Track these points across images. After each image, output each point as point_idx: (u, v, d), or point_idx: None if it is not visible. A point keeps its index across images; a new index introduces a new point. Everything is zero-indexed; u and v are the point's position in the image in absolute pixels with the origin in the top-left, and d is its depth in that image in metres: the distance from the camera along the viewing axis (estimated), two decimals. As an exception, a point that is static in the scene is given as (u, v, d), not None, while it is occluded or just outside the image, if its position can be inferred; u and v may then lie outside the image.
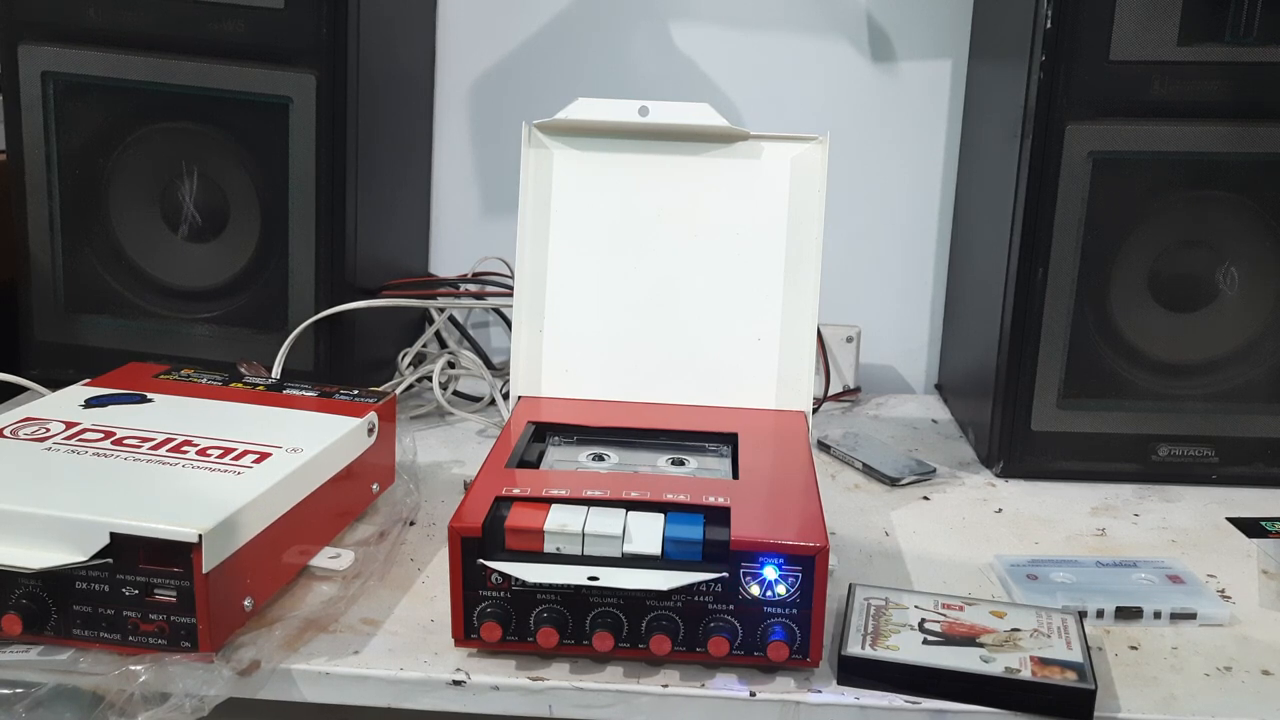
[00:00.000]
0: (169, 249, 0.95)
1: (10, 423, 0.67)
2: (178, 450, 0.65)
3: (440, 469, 0.86)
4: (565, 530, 0.58)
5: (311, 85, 0.89)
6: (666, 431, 0.74)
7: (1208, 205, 0.85)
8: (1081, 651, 0.59)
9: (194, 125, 0.92)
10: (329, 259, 0.93)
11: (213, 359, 0.93)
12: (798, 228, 0.80)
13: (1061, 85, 0.83)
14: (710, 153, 0.81)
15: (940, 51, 1.12)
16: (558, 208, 0.82)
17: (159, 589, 0.56)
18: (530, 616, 0.59)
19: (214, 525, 0.56)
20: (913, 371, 1.18)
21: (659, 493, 0.62)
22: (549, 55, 1.15)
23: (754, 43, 1.14)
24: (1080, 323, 0.87)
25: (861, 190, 1.14)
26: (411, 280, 1.08)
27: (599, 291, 0.81)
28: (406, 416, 0.96)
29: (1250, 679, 0.61)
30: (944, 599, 0.64)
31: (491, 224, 1.18)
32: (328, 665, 0.59)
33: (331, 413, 0.72)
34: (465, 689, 0.59)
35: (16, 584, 0.57)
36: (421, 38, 1.13)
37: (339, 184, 0.92)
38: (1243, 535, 0.79)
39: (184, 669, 0.55)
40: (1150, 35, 0.82)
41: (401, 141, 1.09)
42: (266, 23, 0.89)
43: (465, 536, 0.58)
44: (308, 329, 0.92)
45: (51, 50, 0.91)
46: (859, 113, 1.14)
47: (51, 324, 0.96)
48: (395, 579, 0.68)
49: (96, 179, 0.94)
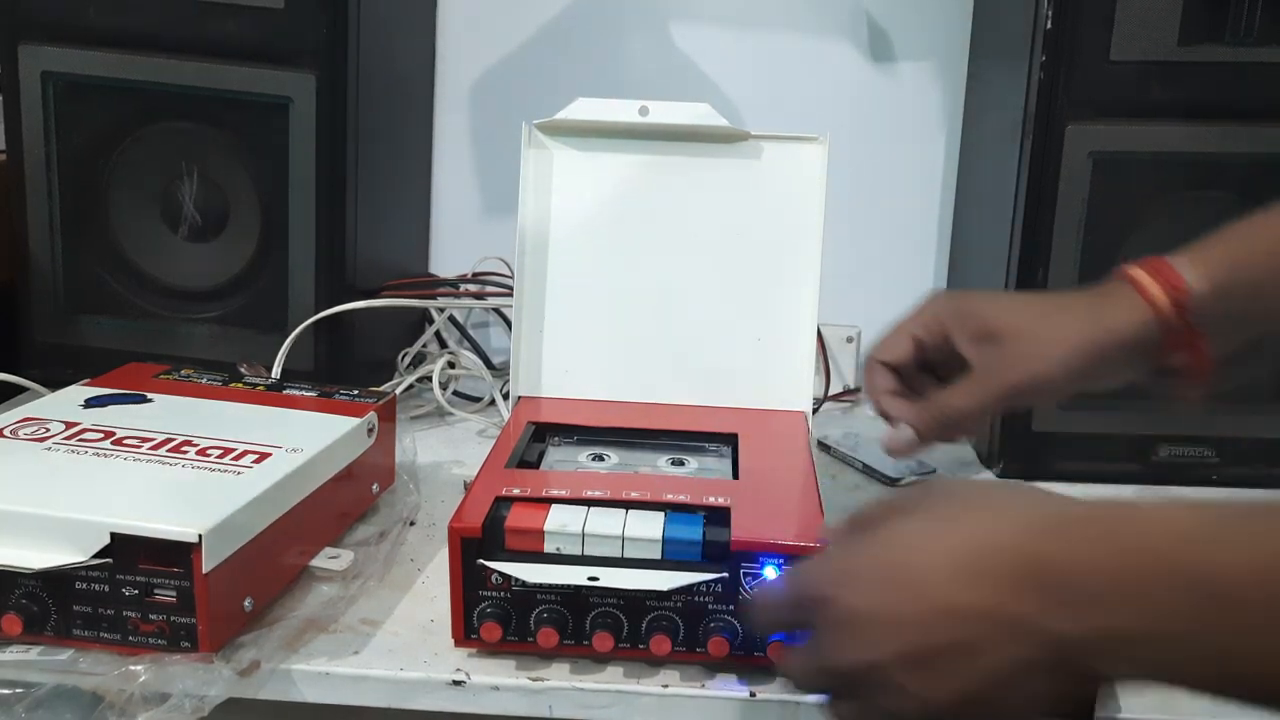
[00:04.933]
0: (169, 249, 0.95)
1: (10, 423, 0.67)
2: (178, 450, 0.64)
3: (440, 469, 0.86)
4: (565, 530, 0.58)
5: (311, 85, 0.89)
6: (666, 431, 0.74)
7: (1207, 205, 0.85)
8: (1082, 652, 0.59)
9: (194, 125, 0.92)
10: (329, 259, 0.93)
11: (213, 359, 0.93)
12: (798, 228, 0.80)
13: (1061, 85, 0.83)
14: (710, 153, 0.81)
15: (940, 51, 1.12)
16: (558, 208, 0.82)
17: (159, 589, 0.56)
18: (530, 616, 0.59)
19: (214, 525, 0.56)
20: (913, 371, 1.18)
21: (659, 493, 0.62)
22: (549, 55, 1.15)
23: (754, 43, 1.13)
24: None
25: (861, 190, 1.14)
26: (411, 280, 1.08)
27: (599, 291, 0.81)
28: (406, 416, 0.96)
29: (1250, 679, 0.61)
30: (944, 599, 0.64)
31: (491, 224, 1.18)
32: (328, 665, 0.59)
33: (331, 413, 0.72)
34: (465, 689, 0.59)
35: (16, 584, 0.57)
36: (421, 38, 1.13)
37: (339, 184, 0.92)
38: (1243, 535, 0.79)
39: (184, 669, 0.55)
40: (1150, 35, 0.82)
41: (401, 141, 1.09)
42: (266, 23, 0.89)
43: (465, 536, 0.58)
44: (307, 329, 0.91)
45: (51, 50, 0.91)
46: (859, 113, 1.14)
47: (51, 324, 0.96)
48: (395, 579, 0.68)
49: (96, 179, 0.94)
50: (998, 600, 0.41)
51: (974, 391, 0.63)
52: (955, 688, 0.43)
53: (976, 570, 0.42)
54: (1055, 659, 0.41)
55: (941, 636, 0.42)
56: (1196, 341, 0.61)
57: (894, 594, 0.44)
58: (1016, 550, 0.42)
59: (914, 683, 0.43)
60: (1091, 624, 0.39)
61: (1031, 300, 0.65)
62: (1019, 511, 0.44)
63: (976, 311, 0.64)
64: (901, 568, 0.44)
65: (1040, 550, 0.41)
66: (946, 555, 0.43)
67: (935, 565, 0.43)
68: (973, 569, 0.42)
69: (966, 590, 0.42)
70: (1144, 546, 0.39)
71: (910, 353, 0.67)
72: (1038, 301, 0.65)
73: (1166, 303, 0.60)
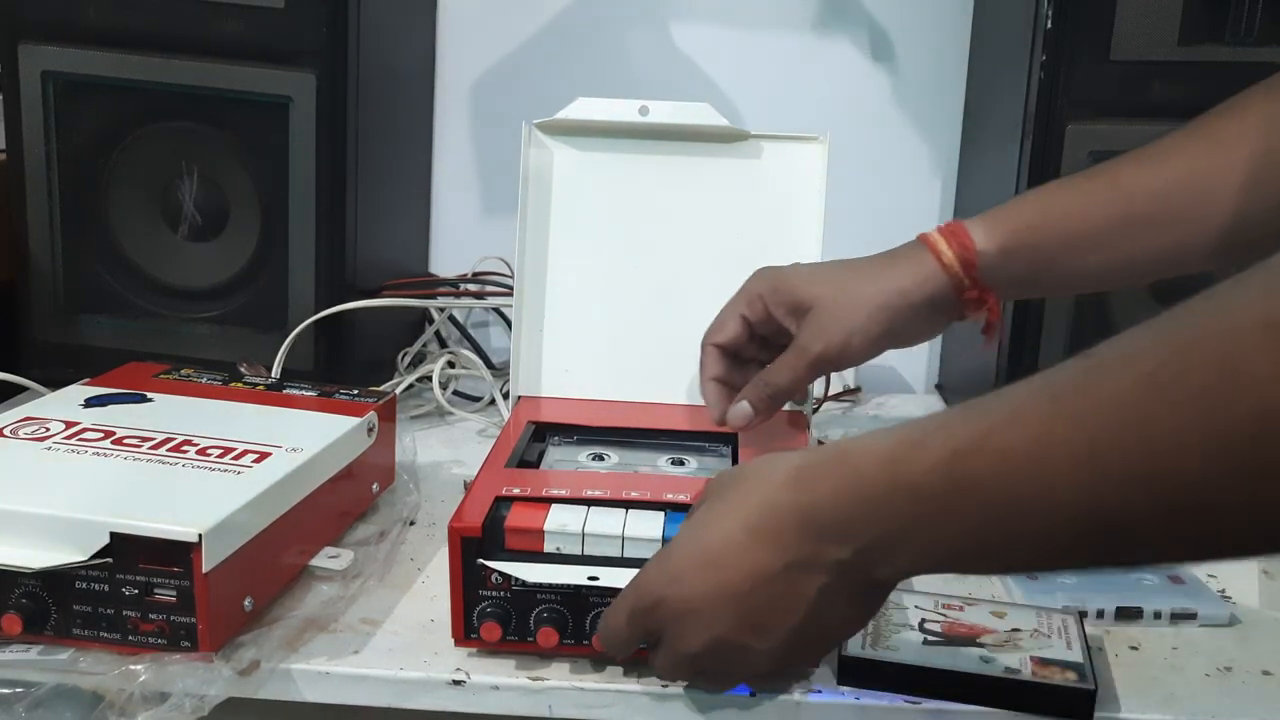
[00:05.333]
0: (169, 249, 0.95)
1: (10, 422, 0.67)
2: (178, 450, 0.64)
3: (440, 469, 0.86)
4: (565, 530, 0.58)
5: (311, 85, 0.89)
6: (666, 431, 0.74)
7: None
8: (1082, 651, 0.59)
9: (194, 125, 0.92)
10: (329, 259, 0.93)
11: (213, 359, 0.93)
12: (798, 227, 0.80)
13: (1061, 85, 0.83)
14: (710, 152, 0.81)
15: (940, 51, 1.12)
16: (558, 207, 0.82)
17: (159, 589, 0.56)
18: (530, 616, 0.59)
19: (214, 525, 0.56)
20: (913, 371, 1.18)
21: (659, 493, 0.62)
22: (549, 55, 1.15)
23: (754, 43, 1.13)
24: (1080, 322, 0.87)
25: (861, 190, 1.14)
26: (411, 280, 1.08)
27: (599, 291, 0.81)
28: (406, 416, 0.96)
29: (1250, 679, 0.61)
30: (944, 599, 0.64)
31: (491, 224, 1.18)
32: (328, 665, 0.59)
33: (331, 412, 0.72)
34: (465, 689, 0.59)
35: (16, 584, 0.57)
36: (421, 38, 1.13)
37: (339, 184, 0.92)
38: (1243, 535, 0.79)
39: (184, 669, 0.55)
40: (1150, 35, 0.82)
41: (401, 141, 1.09)
42: (266, 23, 0.89)
43: (465, 536, 0.58)
44: (307, 329, 0.91)
45: (51, 50, 0.91)
46: (859, 113, 1.14)
47: (51, 324, 0.96)
48: (395, 579, 0.68)
49: (96, 179, 0.93)
50: (787, 549, 0.49)
51: (791, 364, 0.69)
52: (788, 627, 0.50)
53: (764, 531, 0.50)
54: (845, 579, 0.49)
55: (761, 594, 0.50)
56: (987, 297, 0.67)
57: (711, 574, 0.51)
58: (786, 505, 0.49)
59: (756, 640, 0.51)
60: (853, 545, 0.47)
61: (836, 269, 0.70)
62: (778, 475, 0.50)
63: (789, 285, 0.70)
64: (710, 551, 0.51)
65: (798, 501, 0.49)
66: (740, 527, 0.50)
67: (734, 539, 0.50)
68: (761, 531, 0.50)
69: (764, 550, 0.49)
70: (862, 475, 0.47)
71: (740, 332, 0.72)
72: (841, 270, 0.70)
73: (956, 263, 0.66)
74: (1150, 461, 0.37)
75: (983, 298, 0.67)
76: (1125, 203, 0.65)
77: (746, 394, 0.70)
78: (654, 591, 0.52)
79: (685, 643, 0.52)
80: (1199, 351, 0.36)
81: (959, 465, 0.43)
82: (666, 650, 0.53)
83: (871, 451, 0.47)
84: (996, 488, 0.41)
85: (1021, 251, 0.66)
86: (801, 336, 0.68)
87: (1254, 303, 0.35)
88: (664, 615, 0.52)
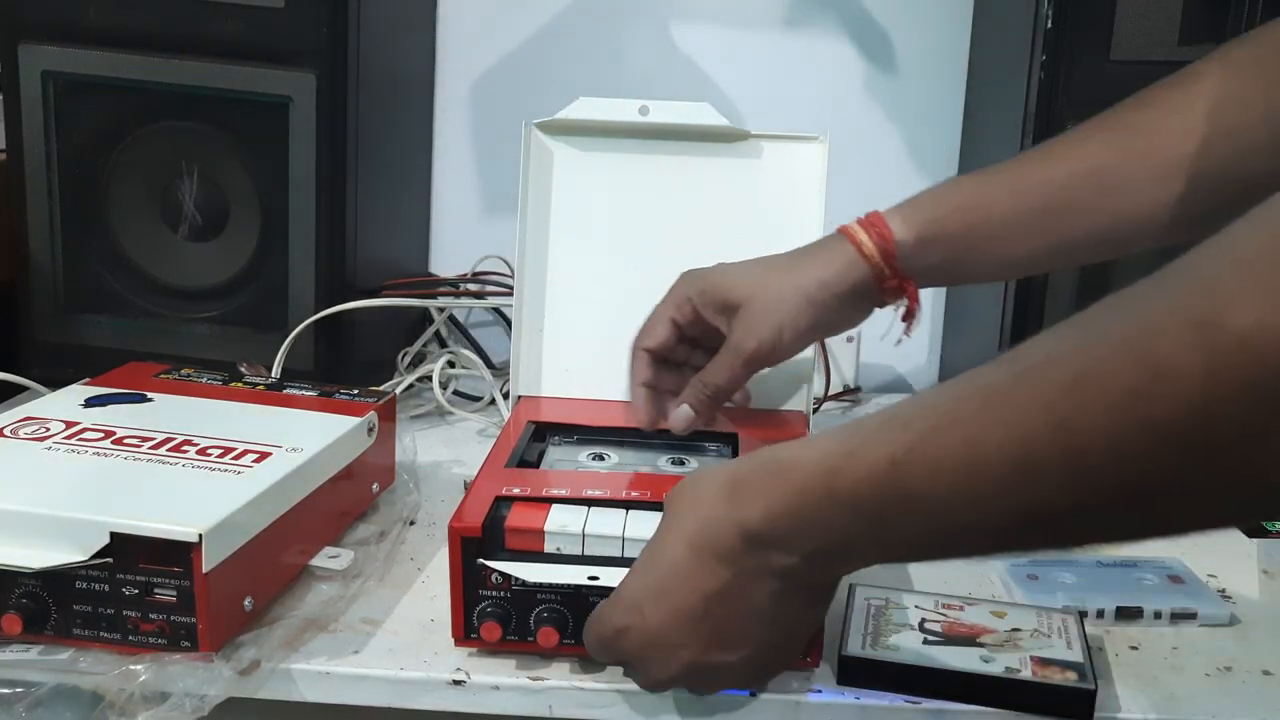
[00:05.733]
0: (169, 249, 0.95)
1: (10, 422, 0.67)
2: (178, 450, 0.64)
3: (440, 469, 0.86)
4: (565, 530, 0.58)
5: (311, 85, 0.89)
6: (666, 431, 0.74)
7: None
8: (1082, 651, 0.59)
9: (194, 125, 0.92)
10: (329, 258, 0.93)
11: (213, 359, 0.93)
12: (798, 227, 0.80)
13: (1061, 85, 0.83)
14: (710, 152, 0.81)
15: (940, 51, 1.12)
16: (558, 207, 0.82)
17: (159, 589, 0.56)
18: (530, 616, 0.59)
19: (214, 525, 0.56)
20: (913, 371, 1.18)
21: (659, 493, 0.62)
22: (549, 55, 1.15)
23: (754, 43, 1.13)
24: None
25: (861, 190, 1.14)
26: (411, 280, 1.08)
27: (599, 291, 0.81)
28: (406, 416, 0.96)
29: (1250, 679, 0.61)
30: (944, 599, 0.64)
31: (491, 224, 1.18)
32: (328, 665, 0.59)
33: (331, 412, 0.72)
34: (465, 689, 0.59)
35: (16, 584, 0.57)
36: (421, 38, 1.13)
37: (339, 184, 0.92)
38: (1243, 535, 0.79)
39: (184, 669, 0.55)
40: (1150, 35, 0.82)
41: (401, 141, 1.09)
42: (266, 22, 0.89)
43: (465, 536, 0.58)
44: (307, 329, 0.91)
45: (51, 50, 0.91)
46: (859, 113, 1.14)
47: (51, 324, 0.96)
48: (395, 579, 0.68)
49: (96, 179, 0.93)
50: (733, 561, 0.50)
51: (728, 363, 0.69)
52: (753, 635, 0.52)
53: (707, 548, 0.50)
54: (795, 582, 0.50)
55: (716, 610, 0.51)
56: (906, 286, 0.68)
57: (664, 601, 0.51)
58: (725, 521, 0.50)
59: (726, 654, 0.52)
60: (800, 552, 0.48)
61: (760, 266, 0.70)
62: (714, 490, 0.51)
63: (717, 286, 0.70)
64: (660, 575, 0.52)
65: (738, 515, 0.49)
66: (685, 546, 0.51)
67: (680, 559, 0.51)
68: (704, 549, 0.50)
69: (710, 567, 0.50)
70: (798, 488, 0.47)
71: (670, 335, 0.72)
72: (765, 267, 0.70)
73: (876, 253, 0.67)
74: (1084, 460, 0.37)
75: (902, 286, 0.68)
76: (1040, 191, 0.65)
77: (686, 397, 0.70)
78: (615, 622, 0.53)
79: (657, 670, 0.53)
80: (1127, 353, 0.36)
81: (895, 474, 0.43)
82: (642, 677, 0.55)
83: (808, 461, 0.47)
84: (934, 495, 0.42)
85: (939, 240, 0.67)
86: (734, 335, 0.68)
87: (1177, 302, 0.35)
88: (629, 646, 0.53)
